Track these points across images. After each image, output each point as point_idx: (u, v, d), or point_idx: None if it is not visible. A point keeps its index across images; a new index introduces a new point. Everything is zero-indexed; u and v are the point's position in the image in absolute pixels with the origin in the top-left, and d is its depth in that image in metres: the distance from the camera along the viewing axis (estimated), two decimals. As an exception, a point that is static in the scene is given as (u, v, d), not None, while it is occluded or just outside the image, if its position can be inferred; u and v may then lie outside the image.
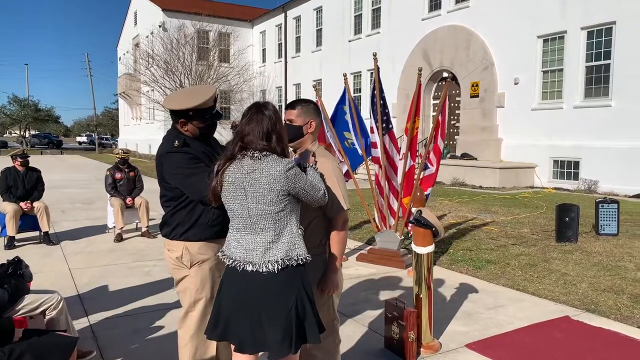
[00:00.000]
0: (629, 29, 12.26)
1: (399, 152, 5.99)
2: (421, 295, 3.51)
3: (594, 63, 13.24)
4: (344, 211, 2.38)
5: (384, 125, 5.95)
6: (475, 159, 15.59)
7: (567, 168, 13.86)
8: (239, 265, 2.10)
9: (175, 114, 2.53)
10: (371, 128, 6.10)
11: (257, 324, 2.07)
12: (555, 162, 14.15)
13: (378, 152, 6.01)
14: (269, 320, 2.05)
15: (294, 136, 2.44)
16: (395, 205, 5.99)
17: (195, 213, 2.52)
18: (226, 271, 2.18)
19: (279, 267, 2.05)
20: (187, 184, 2.47)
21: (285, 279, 2.06)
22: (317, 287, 2.39)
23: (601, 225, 7.29)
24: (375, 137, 6.03)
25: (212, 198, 2.18)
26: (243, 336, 2.08)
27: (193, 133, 2.57)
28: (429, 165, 5.78)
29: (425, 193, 5.68)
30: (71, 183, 15.70)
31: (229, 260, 2.14)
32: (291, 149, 2.56)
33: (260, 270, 2.05)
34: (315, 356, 2.44)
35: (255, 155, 2.07)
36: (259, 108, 2.14)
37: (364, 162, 6.38)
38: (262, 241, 2.08)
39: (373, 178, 6.19)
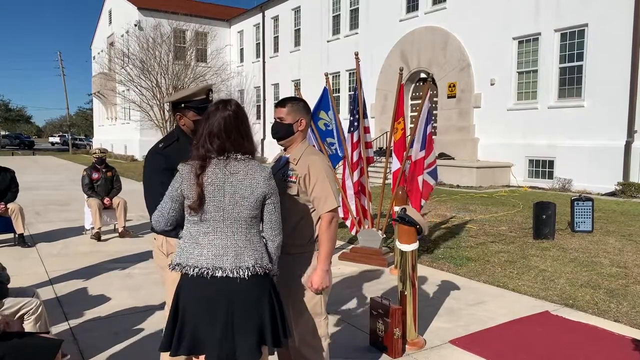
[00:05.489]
0: (599, 31, 12.59)
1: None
2: (406, 293, 3.54)
3: (567, 64, 13.55)
4: (334, 208, 2.39)
5: (364, 125, 6.00)
6: (453, 158, 15.79)
7: (542, 167, 14.15)
8: (207, 272, 2.01)
9: (173, 109, 2.63)
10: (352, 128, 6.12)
11: (229, 331, 2.02)
12: (531, 161, 14.43)
13: (357, 153, 6.03)
14: (240, 326, 2.02)
15: (284, 134, 2.43)
16: (366, 205, 6.10)
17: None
18: (188, 281, 2.05)
19: (250, 274, 2.03)
20: (145, 194, 2.54)
21: (256, 285, 2.05)
22: (307, 284, 2.39)
23: (576, 223, 7.46)
24: (357, 136, 6.05)
25: (196, 201, 2.04)
26: (212, 346, 2.02)
27: (189, 127, 2.61)
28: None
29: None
30: (44, 184, 15.34)
31: (192, 270, 2.02)
32: (281, 147, 2.55)
33: (231, 276, 2.01)
34: (305, 354, 2.44)
35: (239, 157, 2.06)
36: (225, 106, 2.10)
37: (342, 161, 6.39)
38: (232, 245, 2.04)
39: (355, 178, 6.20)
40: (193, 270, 2.02)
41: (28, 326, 3.07)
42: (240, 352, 2.01)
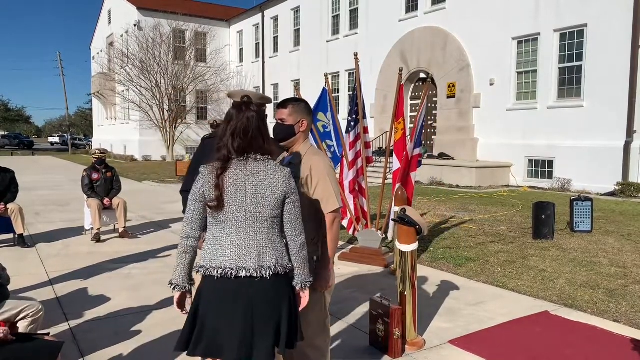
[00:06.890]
0: (599, 31, 12.60)
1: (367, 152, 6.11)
2: (405, 293, 3.54)
3: (566, 64, 13.56)
4: (336, 209, 2.40)
5: (364, 126, 6.00)
6: (452, 158, 15.80)
7: (542, 167, 14.16)
8: (231, 273, 2.02)
9: None
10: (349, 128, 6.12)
11: (248, 332, 2.02)
12: (530, 161, 14.44)
13: (353, 153, 6.03)
14: (260, 327, 2.02)
15: (286, 135, 2.44)
16: (365, 207, 6.10)
17: None
18: (210, 283, 2.06)
19: (272, 273, 2.04)
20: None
21: (277, 286, 2.06)
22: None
23: (576, 223, 7.47)
24: (354, 136, 6.05)
25: (215, 201, 2.04)
26: (231, 347, 2.01)
27: None
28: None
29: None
30: (44, 184, 15.34)
31: (216, 272, 2.04)
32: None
33: (255, 276, 2.02)
34: (308, 354, 2.45)
35: (259, 157, 2.08)
36: (248, 107, 2.12)
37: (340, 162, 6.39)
38: (255, 245, 2.05)
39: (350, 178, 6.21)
40: (216, 272, 2.03)
41: (21, 328, 3.06)
42: (257, 354, 2.01)
